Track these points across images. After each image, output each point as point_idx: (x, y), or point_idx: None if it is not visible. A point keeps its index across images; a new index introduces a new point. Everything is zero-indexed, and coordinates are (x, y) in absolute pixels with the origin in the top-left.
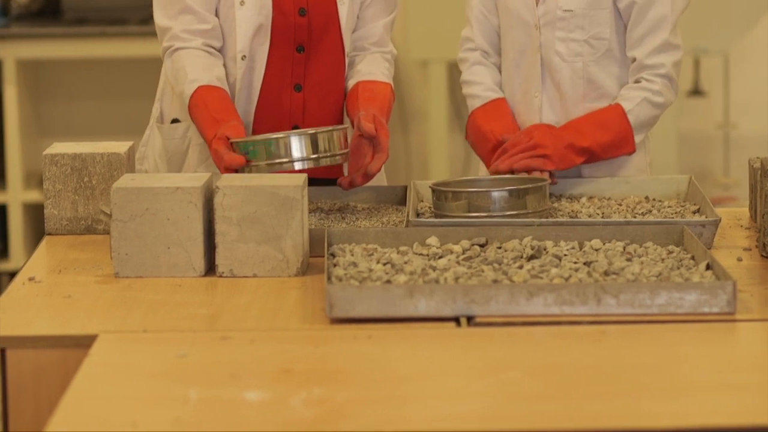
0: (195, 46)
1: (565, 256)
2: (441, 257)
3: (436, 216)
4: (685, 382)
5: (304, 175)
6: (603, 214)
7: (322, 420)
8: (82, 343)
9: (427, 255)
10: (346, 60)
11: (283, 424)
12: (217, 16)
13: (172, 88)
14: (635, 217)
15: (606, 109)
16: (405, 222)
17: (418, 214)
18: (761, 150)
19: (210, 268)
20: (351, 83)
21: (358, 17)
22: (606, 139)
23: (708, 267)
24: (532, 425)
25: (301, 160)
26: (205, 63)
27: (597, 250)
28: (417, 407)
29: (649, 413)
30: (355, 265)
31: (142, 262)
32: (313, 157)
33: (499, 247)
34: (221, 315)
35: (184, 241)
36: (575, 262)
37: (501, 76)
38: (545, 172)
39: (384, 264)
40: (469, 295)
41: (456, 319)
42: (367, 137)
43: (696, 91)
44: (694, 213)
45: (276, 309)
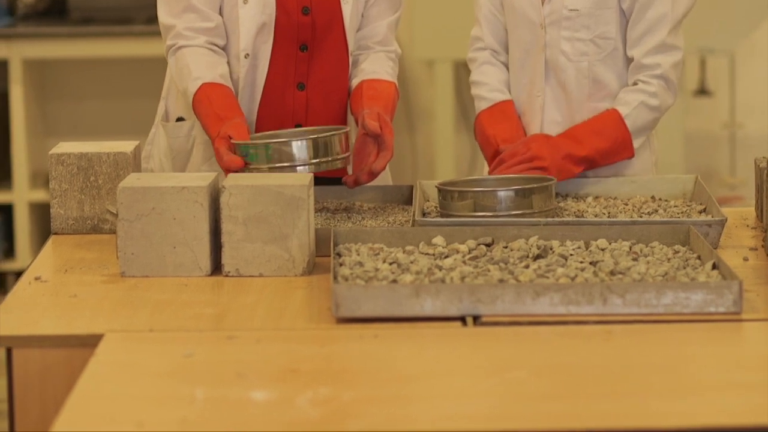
0: (199, 44)
1: (571, 255)
2: (447, 257)
3: (442, 215)
4: (691, 382)
5: (310, 175)
6: (609, 213)
7: (328, 419)
8: (88, 343)
9: (433, 254)
10: (350, 59)
11: (290, 423)
12: (221, 14)
13: (176, 86)
14: (641, 216)
15: (603, 115)
16: (411, 221)
17: (424, 214)
18: (767, 150)
19: (216, 268)
20: (355, 82)
21: (362, 16)
22: (604, 146)
23: (714, 267)
24: (539, 425)
25: (301, 164)
26: (208, 61)
27: (603, 250)
28: (423, 407)
29: (655, 413)
30: (361, 264)
31: (148, 262)
32: (314, 162)
33: (505, 247)
34: (227, 314)
35: (190, 240)
36: (581, 262)
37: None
38: None
39: (390, 263)
40: (475, 294)
41: (462, 319)
42: (372, 135)
43: (702, 91)
44: (700, 213)
45: (282, 308)
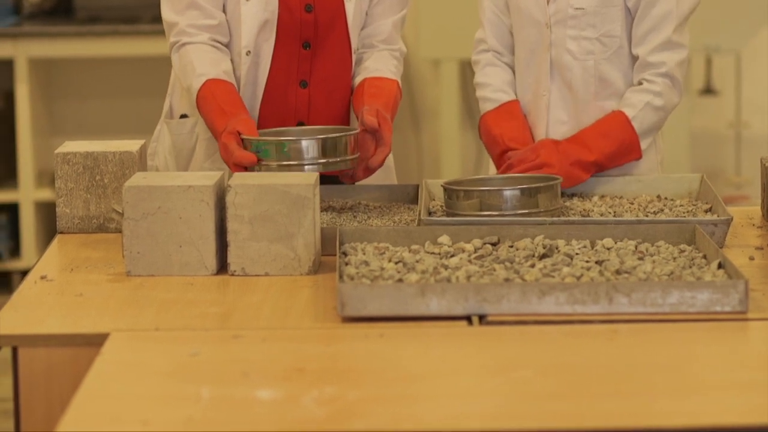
0: (202, 41)
1: (576, 254)
2: (453, 256)
3: (448, 215)
4: (697, 381)
5: (316, 174)
6: (615, 212)
7: (333, 419)
8: (94, 342)
9: (439, 254)
10: (353, 57)
11: (295, 422)
12: (224, 12)
13: (180, 83)
14: (647, 215)
15: (610, 117)
16: (417, 221)
17: (429, 213)
18: None
19: (222, 267)
20: (358, 80)
21: (366, 14)
22: (612, 149)
23: (720, 266)
24: (544, 424)
25: (312, 164)
26: (212, 57)
27: (609, 249)
28: (429, 406)
29: (661, 412)
30: (366, 263)
31: (154, 261)
32: (322, 161)
33: (511, 246)
34: (233, 313)
35: (196, 239)
36: (587, 261)
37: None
38: None
39: (396, 263)
40: (481, 293)
41: (468, 318)
42: (370, 131)
43: (708, 90)
44: (706, 212)
45: (288, 307)
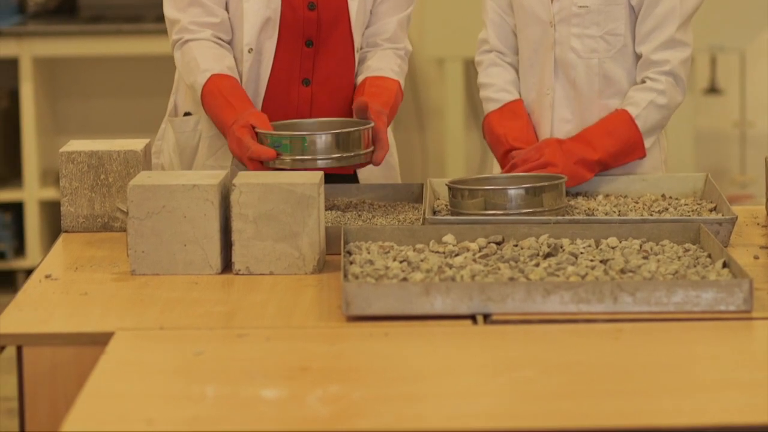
0: (204, 37)
1: (581, 253)
2: (457, 255)
3: (453, 214)
4: (701, 380)
5: (321, 173)
6: (619, 211)
7: (338, 418)
8: (99, 341)
9: (444, 253)
10: (357, 55)
11: (299, 421)
12: (227, 10)
13: (183, 80)
14: (652, 214)
15: (613, 116)
16: (421, 220)
17: (434, 212)
18: None
19: (226, 266)
20: (360, 79)
21: (371, 13)
22: (616, 147)
23: (724, 265)
24: (548, 423)
25: (328, 158)
26: (215, 53)
27: (613, 248)
28: (433, 405)
29: (666, 411)
30: (371, 262)
31: (159, 260)
32: (338, 156)
33: (516, 245)
34: (237, 312)
35: (200, 238)
36: (592, 260)
37: (518, 76)
38: None
39: (400, 262)
40: (486, 292)
41: (472, 317)
42: (359, 113)
43: (712, 89)
44: (711, 211)
45: (292, 306)
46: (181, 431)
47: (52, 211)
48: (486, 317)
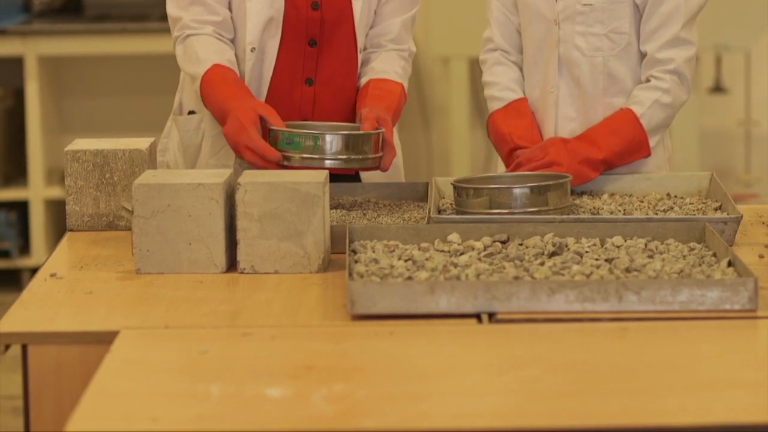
0: (207, 33)
1: (586, 252)
2: (462, 254)
3: (458, 212)
4: (706, 379)
5: (326, 172)
6: (624, 210)
7: (342, 416)
8: (104, 340)
9: (449, 251)
10: (360, 56)
11: (304, 420)
12: (230, 9)
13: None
14: (657, 213)
15: (618, 115)
16: (426, 218)
17: (439, 211)
18: None
19: (231, 265)
20: (363, 81)
21: (375, 13)
22: (621, 147)
23: (729, 264)
24: (553, 422)
25: (336, 159)
26: (217, 47)
27: (618, 247)
28: (438, 404)
29: (670, 410)
30: (376, 261)
31: (164, 259)
32: (344, 157)
33: (521, 244)
34: (242, 311)
35: (205, 237)
36: (597, 259)
37: (523, 74)
38: None
39: (405, 260)
40: (491, 291)
41: (477, 316)
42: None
43: (717, 88)
44: (716, 210)
45: (297, 305)
46: (186, 430)
47: (57, 209)
48: (491, 316)
